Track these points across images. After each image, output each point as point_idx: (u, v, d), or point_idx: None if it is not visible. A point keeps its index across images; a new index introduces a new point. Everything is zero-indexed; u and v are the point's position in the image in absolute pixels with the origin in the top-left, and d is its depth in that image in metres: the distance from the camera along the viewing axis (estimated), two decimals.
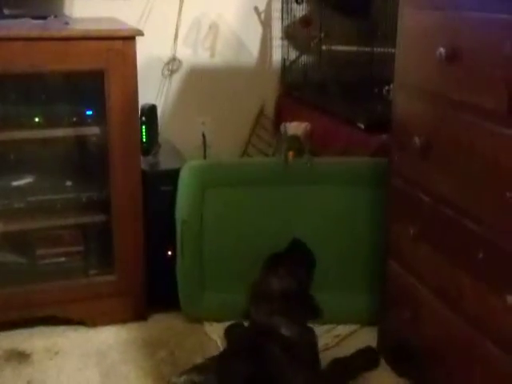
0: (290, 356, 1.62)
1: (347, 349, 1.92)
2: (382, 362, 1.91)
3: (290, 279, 1.77)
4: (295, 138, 2.03)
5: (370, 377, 1.85)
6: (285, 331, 1.67)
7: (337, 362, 1.81)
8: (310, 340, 1.73)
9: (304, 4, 2.63)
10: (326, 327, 2.01)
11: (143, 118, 2.14)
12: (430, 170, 1.60)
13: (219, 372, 1.56)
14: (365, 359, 1.89)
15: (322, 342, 1.86)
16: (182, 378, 1.55)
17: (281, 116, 2.68)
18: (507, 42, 1.28)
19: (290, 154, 2.01)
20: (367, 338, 1.99)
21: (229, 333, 1.98)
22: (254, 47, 2.74)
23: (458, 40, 1.44)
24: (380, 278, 1.90)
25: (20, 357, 1.93)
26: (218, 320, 2.07)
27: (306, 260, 1.88)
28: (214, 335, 2.03)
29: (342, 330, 2.05)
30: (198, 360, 1.88)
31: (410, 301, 1.73)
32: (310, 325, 1.76)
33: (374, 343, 1.95)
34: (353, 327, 2.08)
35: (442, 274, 1.58)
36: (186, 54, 2.63)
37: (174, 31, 2.59)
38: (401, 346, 1.83)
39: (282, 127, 2.09)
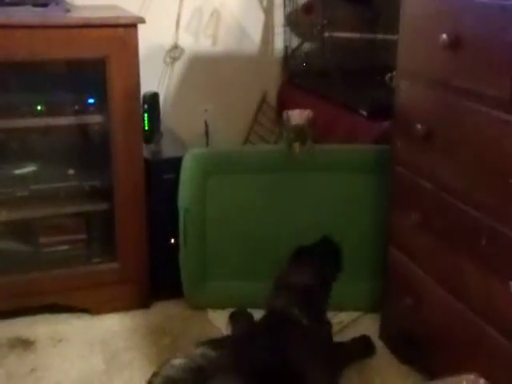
0: (306, 345, 1.62)
1: (350, 335, 1.93)
2: (385, 349, 1.92)
3: (313, 273, 1.78)
4: (300, 128, 2.02)
5: (372, 363, 1.86)
6: (302, 321, 1.67)
7: (337, 348, 1.83)
8: (326, 332, 1.74)
9: None
10: (329, 314, 2.01)
11: (145, 106, 2.14)
12: (432, 157, 1.59)
13: (235, 356, 1.53)
14: (362, 347, 1.90)
15: None
16: (199, 350, 1.52)
17: (283, 103, 2.67)
18: (510, 29, 1.27)
19: (296, 145, 2.00)
20: (370, 325, 2.00)
21: (233, 319, 1.98)
22: (256, 34, 2.73)
23: (460, 27, 1.43)
24: (383, 265, 1.90)
25: (24, 344, 1.94)
26: (222, 307, 2.08)
27: (332, 257, 1.89)
28: (218, 322, 2.04)
29: (345, 316, 2.06)
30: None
31: (413, 288, 1.73)
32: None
33: (376, 330, 1.95)
34: (356, 314, 2.08)
35: (445, 261, 1.58)
36: (187, 41, 2.62)
37: (175, 19, 2.58)
38: (403, 333, 1.84)
39: (284, 115, 2.08)
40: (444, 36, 1.45)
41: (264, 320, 1.73)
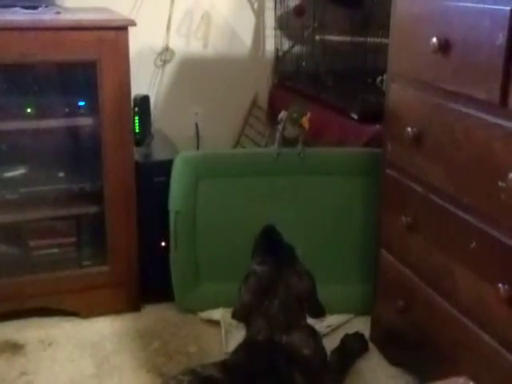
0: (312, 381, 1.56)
1: (340, 338, 1.93)
2: (375, 351, 1.92)
3: (300, 278, 1.66)
4: (299, 108, 2.00)
5: (362, 366, 1.86)
6: (305, 351, 1.58)
7: (337, 356, 1.80)
8: (323, 351, 1.68)
9: None
10: None
11: (136, 109, 2.14)
12: (423, 159, 1.60)
13: None
14: (356, 344, 1.90)
15: None
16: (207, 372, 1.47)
17: (274, 106, 2.67)
18: (499, 33, 1.28)
19: (305, 119, 1.95)
20: (360, 327, 2.00)
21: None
22: (246, 37, 2.73)
23: (450, 30, 1.44)
24: (373, 267, 1.90)
25: (13, 348, 1.93)
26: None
27: (288, 250, 1.74)
28: (215, 315, 2.04)
29: (336, 319, 2.06)
30: (192, 350, 1.89)
31: (403, 290, 1.74)
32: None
33: (367, 333, 1.96)
34: (346, 317, 2.08)
35: (435, 264, 1.58)
36: (178, 44, 2.62)
37: (166, 21, 2.58)
38: (394, 335, 1.84)
39: (281, 115, 2.06)
40: (434, 39, 1.45)
41: (264, 356, 1.56)
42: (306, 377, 1.54)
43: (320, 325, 2.00)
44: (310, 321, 1.74)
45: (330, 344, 1.86)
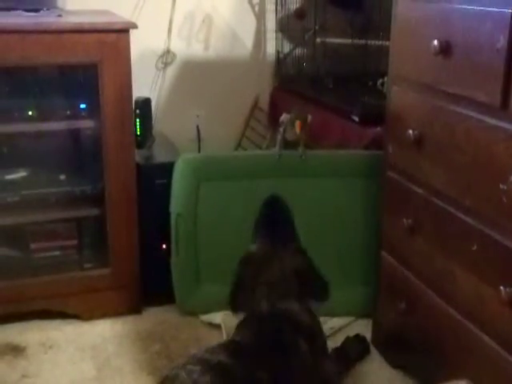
0: (316, 347, 1.56)
1: (341, 340, 1.93)
2: (376, 353, 1.92)
3: (295, 255, 1.65)
4: (301, 112, 2.01)
5: (364, 369, 1.86)
6: (303, 317, 1.58)
7: (337, 355, 1.81)
8: (320, 324, 1.68)
9: None
10: (320, 319, 2.01)
11: (137, 111, 2.14)
12: (424, 162, 1.60)
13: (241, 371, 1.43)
14: (357, 347, 1.90)
15: None
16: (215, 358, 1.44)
17: (275, 109, 2.68)
18: (500, 36, 1.28)
19: (298, 123, 1.97)
20: (362, 330, 2.00)
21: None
22: (248, 40, 2.74)
23: (451, 33, 1.44)
24: (375, 270, 1.90)
25: (15, 351, 1.93)
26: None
27: (287, 227, 1.72)
28: (216, 319, 2.04)
29: (337, 322, 2.06)
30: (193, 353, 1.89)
31: (405, 293, 1.74)
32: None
33: (368, 335, 1.96)
34: (347, 319, 2.08)
35: (436, 266, 1.58)
36: (179, 46, 2.63)
37: (167, 24, 2.58)
38: (395, 337, 1.84)
39: (282, 117, 2.06)
40: (435, 42, 1.45)
41: (265, 326, 1.56)
42: (309, 344, 1.55)
43: (323, 327, 2.00)
44: None
45: (333, 346, 1.86)
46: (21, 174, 2.15)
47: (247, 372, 1.43)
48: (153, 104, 2.37)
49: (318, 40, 2.60)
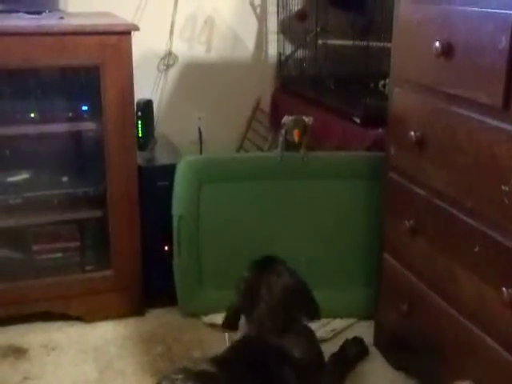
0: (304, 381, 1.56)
1: (342, 342, 1.93)
2: (378, 355, 1.92)
3: (289, 278, 1.67)
4: (300, 118, 2.01)
5: (365, 370, 1.86)
6: (296, 352, 1.58)
7: (335, 360, 1.80)
8: (318, 352, 1.68)
9: None
10: (322, 321, 2.01)
11: (139, 113, 2.14)
12: (425, 163, 1.60)
13: None
14: (355, 349, 1.89)
15: (317, 336, 1.86)
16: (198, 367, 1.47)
17: (277, 110, 2.68)
18: (502, 37, 1.28)
19: (296, 132, 1.98)
20: (364, 331, 2.00)
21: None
22: (249, 41, 2.74)
23: (453, 34, 1.44)
24: (376, 271, 1.90)
25: (17, 352, 1.93)
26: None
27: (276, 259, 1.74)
28: (219, 320, 2.02)
29: (339, 323, 2.06)
30: (195, 355, 1.89)
31: (407, 294, 1.74)
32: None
33: (370, 337, 1.95)
34: (349, 321, 2.08)
35: (438, 268, 1.58)
36: (181, 48, 2.63)
37: (169, 26, 2.58)
38: (397, 339, 1.84)
39: (284, 120, 2.07)
40: (437, 43, 1.45)
41: (256, 354, 1.57)
42: (296, 373, 1.54)
43: (324, 329, 2.00)
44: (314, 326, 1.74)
45: (334, 348, 1.86)
46: (23, 176, 2.15)
47: (230, 381, 1.45)
48: (155, 106, 2.37)
49: (320, 42, 2.60)
